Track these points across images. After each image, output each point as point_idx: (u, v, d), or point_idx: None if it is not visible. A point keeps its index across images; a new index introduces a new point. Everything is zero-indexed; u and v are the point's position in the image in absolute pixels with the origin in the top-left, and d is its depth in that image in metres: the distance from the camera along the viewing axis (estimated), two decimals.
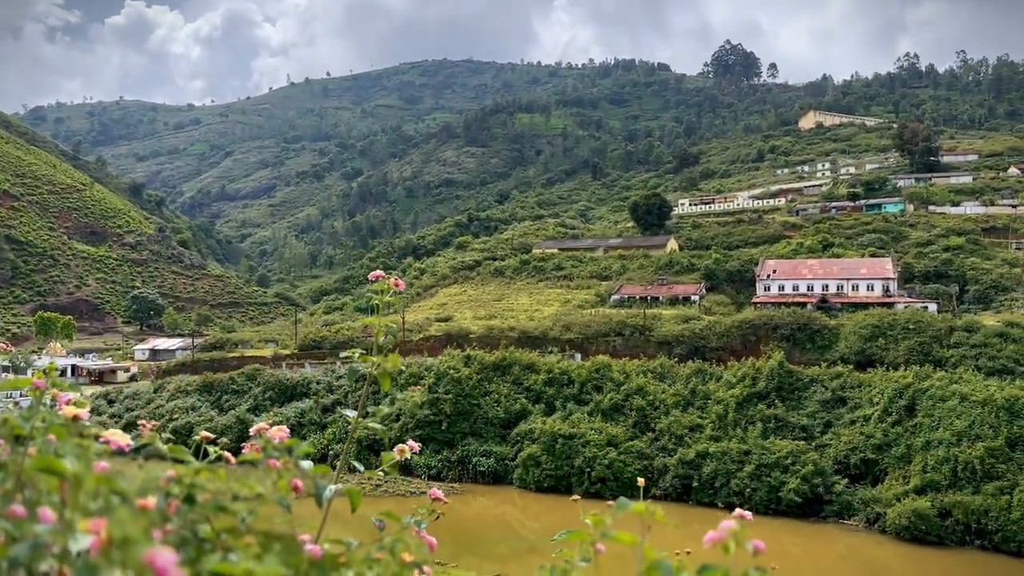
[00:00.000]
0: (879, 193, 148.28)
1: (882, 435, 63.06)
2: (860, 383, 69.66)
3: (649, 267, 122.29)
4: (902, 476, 59.50)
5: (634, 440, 70.20)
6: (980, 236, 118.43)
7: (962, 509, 53.79)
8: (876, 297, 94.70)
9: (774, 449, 64.19)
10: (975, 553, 52.01)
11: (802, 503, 60.37)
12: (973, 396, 60.94)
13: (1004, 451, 56.18)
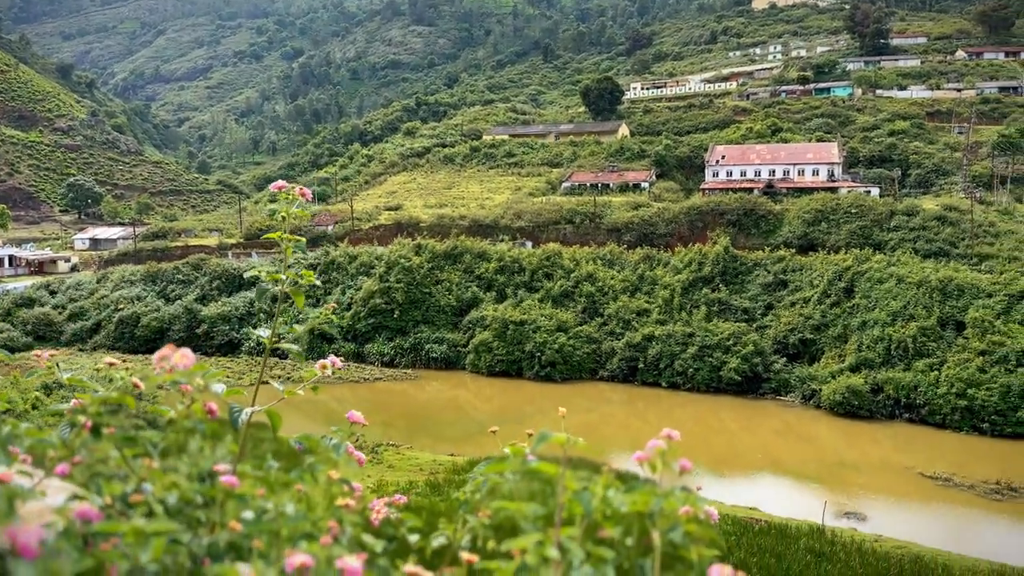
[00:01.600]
0: (828, 77, 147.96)
1: (820, 316, 65.41)
2: (802, 266, 71.55)
3: (600, 154, 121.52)
4: (838, 355, 62.16)
5: (583, 325, 71.70)
6: (924, 120, 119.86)
7: (893, 385, 56.72)
8: (821, 182, 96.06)
9: (717, 331, 66.27)
10: (903, 426, 55.26)
11: (742, 381, 62.99)
12: (909, 278, 63.21)
13: (936, 330, 58.88)
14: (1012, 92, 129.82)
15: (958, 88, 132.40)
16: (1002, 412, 52.10)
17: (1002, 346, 54.86)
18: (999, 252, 71.66)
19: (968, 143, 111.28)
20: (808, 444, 53.16)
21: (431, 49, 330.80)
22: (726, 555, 24.89)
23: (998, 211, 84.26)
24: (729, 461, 49.75)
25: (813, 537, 28.79)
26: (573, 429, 9.41)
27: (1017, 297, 58.86)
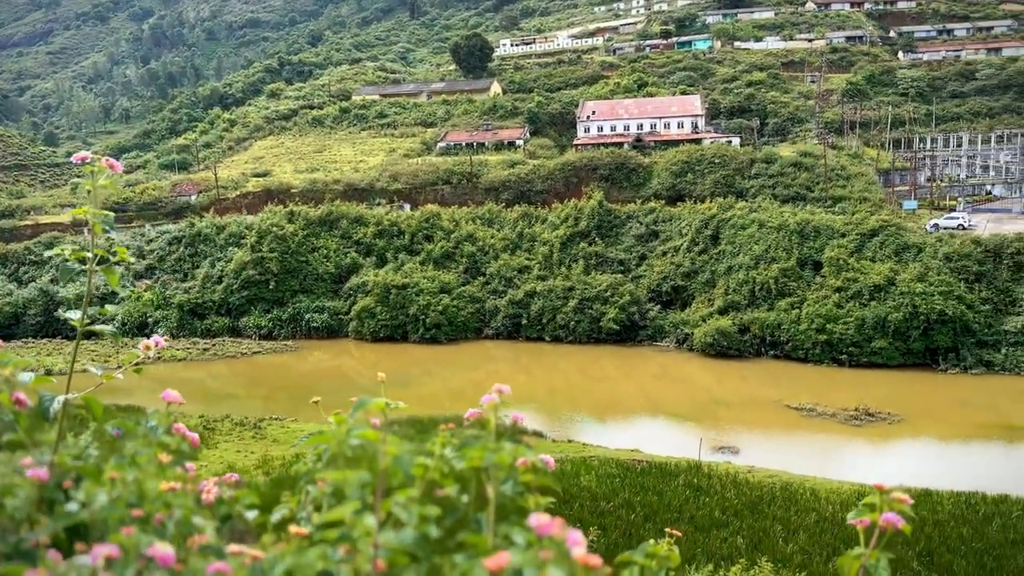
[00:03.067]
0: (689, 30, 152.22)
1: (690, 263, 68.17)
2: (671, 217, 74.12)
3: (474, 112, 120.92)
4: (708, 299, 65.12)
5: (466, 285, 71.92)
6: (780, 71, 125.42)
7: (759, 324, 60.04)
8: (686, 134, 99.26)
9: (595, 283, 67.99)
10: (769, 362, 58.73)
11: (621, 330, 65.12)
12: (770, 223, 66.65)
13: (795, 270, 62.52)
14: (858, 41, 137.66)
15: (809, 38, 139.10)
16: (858, 344, 56.15)
17: (856, 282, 58.88)
18: (850, 194, 76.58)
19: (820, 91, 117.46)
20: (683, 385, 55.68)
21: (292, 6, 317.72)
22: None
23: (848, 155, 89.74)
24: (611, 407, 51.53)
25: (691, 473, 30.30)
26: (458, 388, 9.63)
27: (868, 235, 63.13)
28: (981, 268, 58.03)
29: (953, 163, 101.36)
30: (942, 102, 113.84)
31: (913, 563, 22.60)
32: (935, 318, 54.43)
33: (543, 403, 52.23)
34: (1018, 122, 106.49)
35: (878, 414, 45.69)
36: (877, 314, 56.06)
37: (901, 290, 56.50)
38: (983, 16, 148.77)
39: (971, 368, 53.48)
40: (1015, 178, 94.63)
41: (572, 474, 29.81)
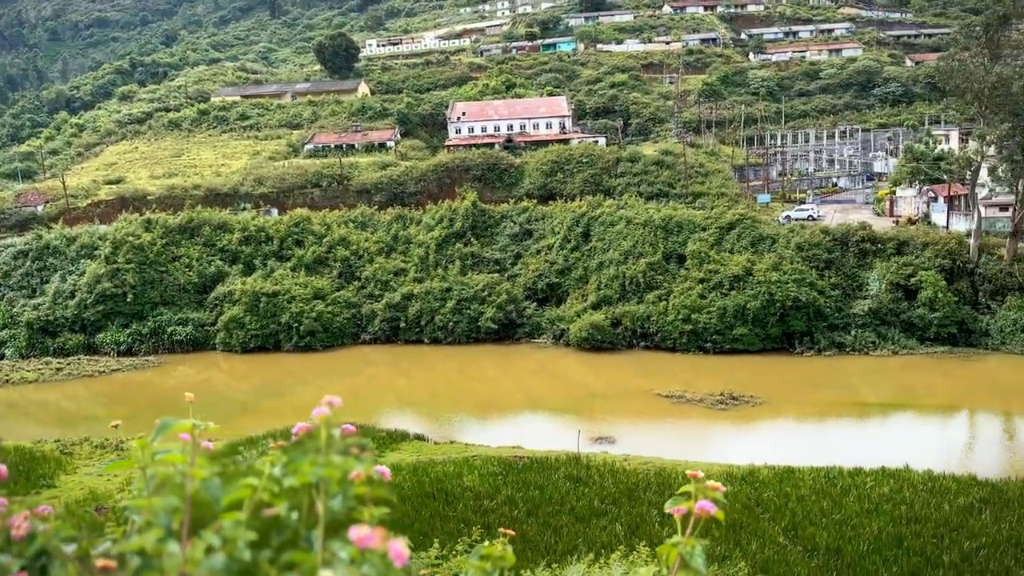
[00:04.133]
0: (554, 32, 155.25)
1: (563, 261, 69.55)
2: (544, 215, 75.35)
3: (342, 113, 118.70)
4: (581, 295, 66.65)
5: (340, 291, 70.51)
6: (640, 72, 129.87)
7: (630, 317, 61.98)
8: (554, 134, 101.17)
9: (472, 284, 68.24)
10: (641, 353, 60.71)
11: (499, 329, 65.64)
12: (636, 219, 68.89)
13: (661, 264, 64.91)
14: (712, 43, 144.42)
15: (667, 41, 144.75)
16: (720, 331, 58.92)
17: (717, 273, 61.74)
18: (709, 190, 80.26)
19: (678, 92, 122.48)
20: (561, 380, 56.76)
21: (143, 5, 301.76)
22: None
23: (706, 153, 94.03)
24: (492, 405, 51.87)
25: (571, 465, 30.90)
26: (336, 394, 9.13)
27: (726, 229, 66.30)
28: (830, 256, 62.10)
29: (802, 158, 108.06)
30: (790, 100, 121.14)
31: (780, 537, 23.91)
32: (790, 304, 57.84)
33: (424, 406, 51.94)
34: (858, 118, 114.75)
35: (742, 397, 48.09)
36: (737, 303, 59.00)
37: (758, 279, 59.67)
38: (824, 19, 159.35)
39: (824, 350, 57.15)
40: (857, 171, 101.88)
41: (455, 475, 29.78)
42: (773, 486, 28.03)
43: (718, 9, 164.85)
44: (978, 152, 60.64)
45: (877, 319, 57.95)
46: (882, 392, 50.86)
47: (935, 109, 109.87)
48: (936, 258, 58.99)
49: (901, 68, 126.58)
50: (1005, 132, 57.14)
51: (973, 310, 57.64)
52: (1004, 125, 57.07)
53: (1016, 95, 55.27)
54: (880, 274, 59.73)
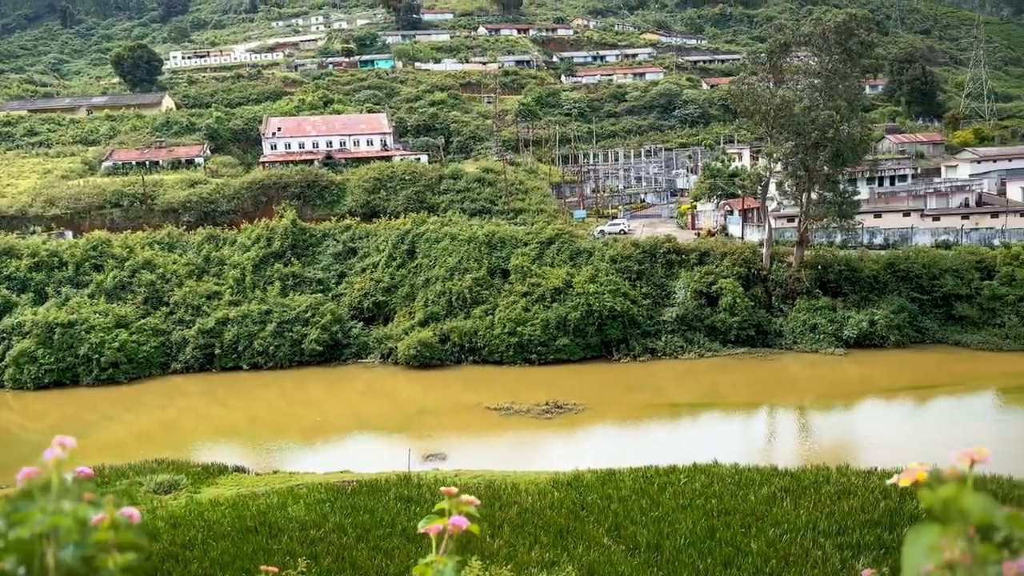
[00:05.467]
0: (371, 49, 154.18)
1: (390, 278, 68.91)
2: (368, 233, 74.38)
3: (144, 128, 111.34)
4: (408, 312, 66.27)
5: (147, 317, 65.93)
6: (459, 91, 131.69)
7: (457, 333, 62.34)
8: (376, 151, 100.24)
9: (294, 305, 66.03)
10: (469, 367, 61.15)
11: (324, 350, 63.83)
12: (461, 235, 69.57)
13: (487, 279, 65.88)
14: (527, 65, 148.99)
15: (483, 62, 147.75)
16: (544, 343, 60.57)
17: (539, 287, 63.48)
18: (529, 206, 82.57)
19: (496, 112, 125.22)
20: (390, 399, 56.08)
21: None
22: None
23: (525, 171, 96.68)
24: (320, 430, 50.32)
25: (402, 485, 30.51)
26: (147, 430, 8.50)
27: (546, 243, 68.39)
28: (641, 267, 65.58)
29: (612, 175, 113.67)
30: (600, 121, 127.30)
31: (604, 539, 24.78)
32: (607, 314, 60.51)
33: (245, 436, 49.54)
34: (662, 138, 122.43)
35: (566, 405, 49.64)
36: (559, 314, 60.95)
37: (577, 291, 61.99)
38: (628, 44, 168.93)
39: (639, 356, 60.19)
40: (662, 187, 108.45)
41: (279, 506, 28.56)
42: (597, 489, 29.05)
43: (531, 33, 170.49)
44: (767, 168, 66.35)
45: (684, 325, 61.79)
46: (691, 393, 54.25)
47: (729, 129, 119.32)
48: (734, 267, 63.79)
49: (698, 91, 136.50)
50: (789, 150, 62.94)
51: (768, 313, 62.83)
52: (788, 144, 62.84)
53: (798, 116, 61.03)
54: (685, 283, 63.80)
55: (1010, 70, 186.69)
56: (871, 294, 61.63)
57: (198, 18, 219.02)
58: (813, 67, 64.82)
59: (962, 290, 60.87)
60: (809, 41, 64.26)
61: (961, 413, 48.38)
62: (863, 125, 67.84)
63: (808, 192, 63.59)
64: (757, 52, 71.05)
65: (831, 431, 47.01)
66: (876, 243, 70.06)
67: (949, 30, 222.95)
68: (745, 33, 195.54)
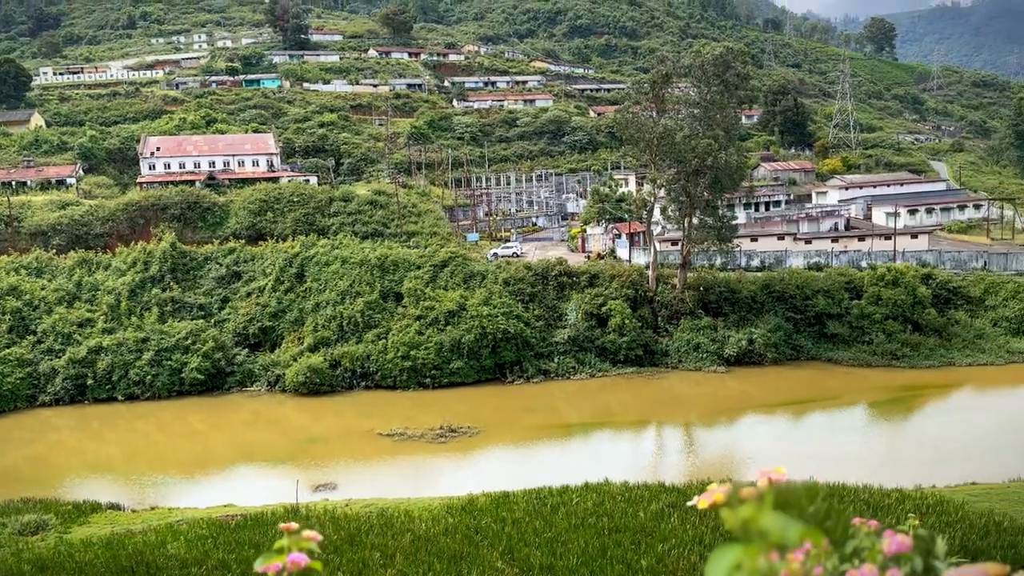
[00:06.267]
0: (257, 68, 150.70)
1: (277, 303, 66.96)
2: (253, 256, 72.18)
3: (10, 147, 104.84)
4: (297, 338, 64.52)
5: (11, 347, 61.55)
6: (349, 113, 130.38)
7: (349, 358, 61.12)
8: (262, 172, 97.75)
9: (173, 332, 63.16)
10: (361, 393, 59.95)
11: (206, 379, 61.17)
12: (352, 258, 68.50)
13: (379, 303, 65.02)
14: (418, 88, 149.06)
15: (374, 84, 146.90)
16: (438, 366, 60.20)
17: (433, 310, 63.15)
18: (422, 229, 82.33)
19: (388, 134, 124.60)
20: (278, 428, 54.29)
21: None
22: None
23: (418, 193, 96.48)
24: (202, 463, 48.18)
25: (289, 518, 29.48)
26: (12, 467, 7.90)
27: (440, 266, 68.22)
28: (533, 289, 66.33)
29: (505, 199, 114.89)
30: (492, 145, 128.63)
31: (498, 562, 24.69)
32: (500, 337, 60.79)
33: (121, 470, 46.89)
34: (552, 163, 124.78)
35: (460, 429, 49.41)
36: (453, 337, 60.78)
37: (471, 314, 62.04)
38: (519, 72, 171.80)
39: (532, 377, 60.69)
40: (553, 211, 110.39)
41: (157, 544, 27.09)
42: (491, 512, 28.96)
43: (422, 57, 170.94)
44: (651, 194, 68.59)
45: (576, 346, 62.80)
46: (583, 413, 55.09)
47: (616, 155, 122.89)
48: (622, 288, 65.44)
49: (586, 119, 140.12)
50: (672, 177, 65.32)
51: (654, 333, 64.67)
52: (671, 171, 65.23)
53: (679, 144, 63.46)
54: (576, 304, 64.93)
55: (873, 103, 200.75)
56: (749, 314, 64.45)
57: (71, 33, 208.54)
58: (693, 97, 67.63)
59: (833, 309, 64.48)
60: (689, 73, 67.05)
61: (834, 427, 51.11)
62: (740, 153, 71.22)
63: (690, 217, 66.08)
64: (641, 82, 73.48)
65: (715, 446, 48.68)
66: (753, 265, 73.43)
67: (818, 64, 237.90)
68: (629, 64, 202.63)
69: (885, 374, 59.09)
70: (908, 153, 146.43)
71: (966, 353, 61.93)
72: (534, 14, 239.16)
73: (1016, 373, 58.77)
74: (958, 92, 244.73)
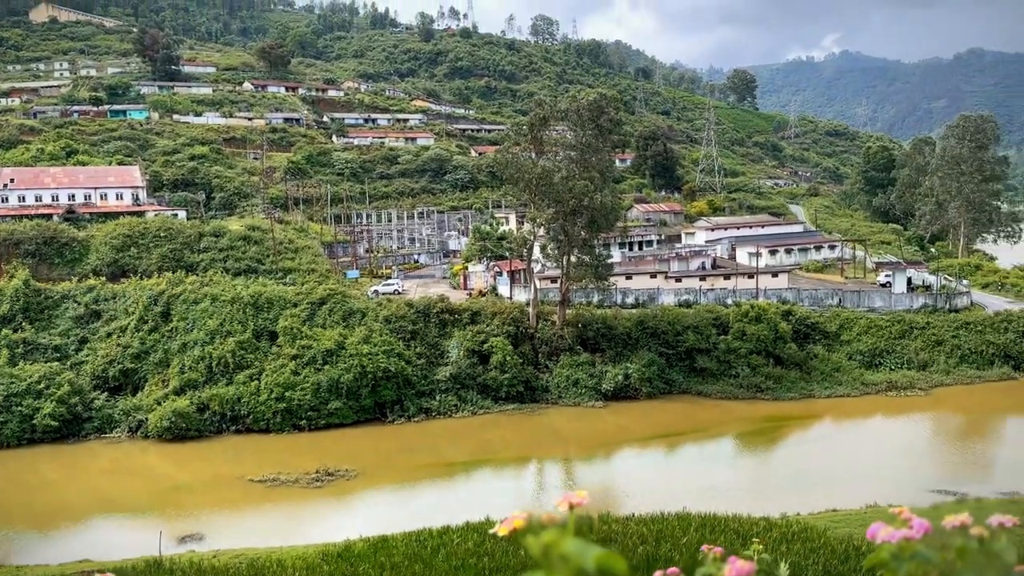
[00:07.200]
0: (123, 99, 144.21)
1: (140, 344, 63.45)
2: (115, 294, 68.35)
3: None
4: (162, 380, 61.21)
5: None
6: (222, 146, 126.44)
7: (218, 401, 58.42)
8: (127, 206, 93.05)
9: (24, 376, 58.69)
10: (232, 438, 57.25)
11: (61, 426, 56.97)
12: (223, 296, 65.90)
13: (252, 342, 62.68)
14: (296, 123, 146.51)
15: (249, 117, 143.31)
16: (315, 408, 58.45)
17: (310, 349, 61.45)
18: (299, 266, 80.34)
19: (264, 168, 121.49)
20: (140, 477, 51.10)
21: None
22: None
23: (295, 229, 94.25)
24: (55, 516, 44.63)
25: (151, 572, 27.69)
26: None
27: (318, 304, 66.65)
28: (415, 327, 65.80)
29: (386, 236, 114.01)
30: (373, 182, 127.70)
31: None
32: (381, 375, 59.80)
33: None
34: (434, 201, 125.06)
35: (337, 472, 48.02)
36: (331, 377, 59.28)
37: (351, 352, 60.80)
38: (400, 109, 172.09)
39: (414, 416, 59.90)
40: (435, 248, 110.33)
41: None
42: (368, 558, 28.18)
43: (300, 91, 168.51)
44: (531, 233, 69.81)
45: (458, 383, 62.58)
46: (465, 451, 54.75)
47: (497, 194, 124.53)
48: (503, 325, 65.93)
49: (467, 158, 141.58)
50: (550, 216, 66.75)
51: (535, 370, 65.36)
52: (549, 210, 66.66)
53: (557, 185, 65.03)
54: (458, 342, 64.86)
55: (736, 149, 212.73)
56: (625, 349, 66.24)
57: None
58: (570, 140, 69.66)
59: (702, 344, 67.19)
60: (566, 116, 69.10)
61: (704, 458, 52.97)
62: (614, 195, 73.67)
63: (568, 255, 67.61)
64: (520, 124, 75.06)
65: (594, 480, 49.39)
66: (628, 302, 75.71)
67: (686, 112, 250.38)
68: (509, 106, 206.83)
69: (751, 406, 61.88)
70: (768, 197, 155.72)
71: (824, 385, 65.79)
72: (415, 54, 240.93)
73: (870, 404, 62.88)
74: (813, 140, 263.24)
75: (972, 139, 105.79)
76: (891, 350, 70.04)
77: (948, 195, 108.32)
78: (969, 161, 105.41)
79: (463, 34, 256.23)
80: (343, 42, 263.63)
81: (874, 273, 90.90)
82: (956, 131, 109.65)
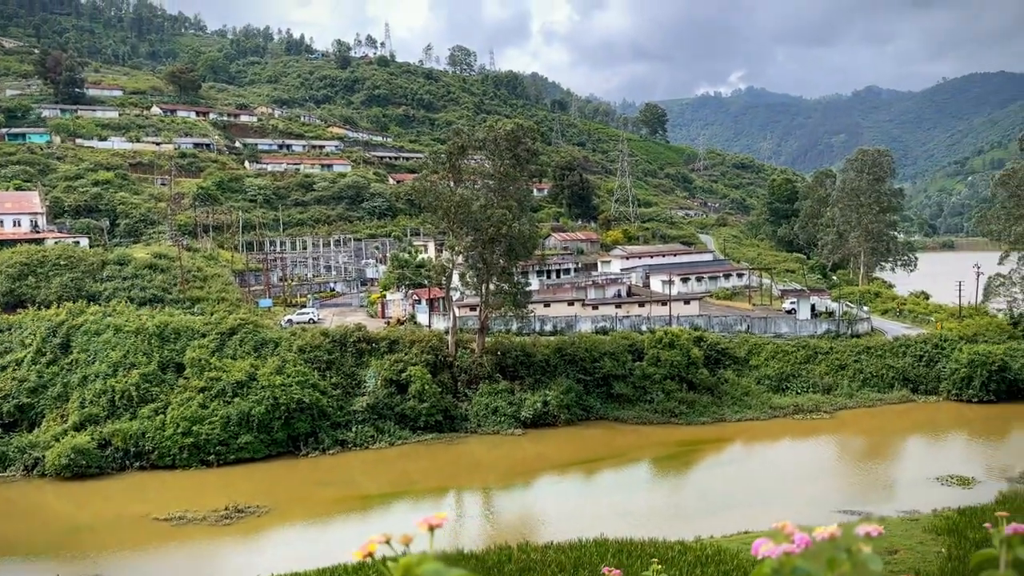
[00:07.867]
0: (23, 122, 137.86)
1: (37, 377, 60.21)
2: (11, 326, 64.83)
3: None
4: (60, 416, 58.14)
5: None
6: (128, 171, 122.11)
7: (121, 436, 55.75)
8: (24, 233, 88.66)
9: None
10: (135, 475, 54.60)
11: None
12: (127, 327, 63.25)
13: (157, 375, 60.23)
14: (206, 148, 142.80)
15: (157, 142, 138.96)
16: (224, 442, 56.42)
17: (219, 381, 59.44)
18: (209, 295, 77.86)
19: (172, 194, 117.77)
20: (35, 519, 48.16)
21: None
22: None
23: (205, 257, 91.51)
24: None
25: None
26: None
27: (228, 334, 64.67)
28: (331, 356, 64.52)
29: (301, 264, 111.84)
30: (287, 209, 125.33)
31: None
32: (294, 407, 58.27)
33: None
34: (351, 228, 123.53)
35: (248, 509, 46.39)
36: (241, 410, 57.41)
37: (262, 384, 59.08)
38: (315, 136, 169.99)
39: (329, 449, 58.49)
40: (352, 276, 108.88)
41: None
42: None
43: (211, 116, 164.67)
44: (450, 261, 69.69)
45: (375, 414, 61.55)
46: (382, 483, 53.73)
47: (415, 222, 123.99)
48: (422, 354, 65.35)
49: (385, 185, 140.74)
50: (469, 244, 66.84)
51: (454, 398, 64.90)
52: (468, 238, 66.75)
53: (475, 213, 65.22)
54: (376, 371, 63.89)
55: (649, 180, 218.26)
56: (543, 376, 66.55)
57: None
58: (488, 169, 70.11)
59: (618, 371, 68.13)
60: (484, 146, 69.58)
61: (622, 483, 53.45)
62: (532, 223, 74.35)
63: (487, 283, 67.73)
64: (438, 153, 75.14)
65: (512, 509, 49.16)
66: (547, 330, 76.27)
67: (600, 144, 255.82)
68: (427, 134, 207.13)
69: (665, 431, 62.95)
70: (680, 226, 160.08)
71: (735, 409, 67.54)
72: (331, 81, 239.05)
73: (778, 427, 64.82)
74: (721, 172, 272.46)
75: (870, 172, 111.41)
76: (797, 374, 72.56)
77: (848, 225, 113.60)
78: (867, 193, 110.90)
79: (380, 62, 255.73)
80: (257, 67, 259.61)
81: (780, 300, 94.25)
82: (855, 164, 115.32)
